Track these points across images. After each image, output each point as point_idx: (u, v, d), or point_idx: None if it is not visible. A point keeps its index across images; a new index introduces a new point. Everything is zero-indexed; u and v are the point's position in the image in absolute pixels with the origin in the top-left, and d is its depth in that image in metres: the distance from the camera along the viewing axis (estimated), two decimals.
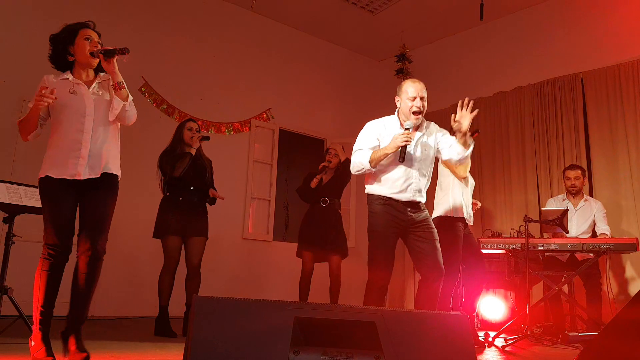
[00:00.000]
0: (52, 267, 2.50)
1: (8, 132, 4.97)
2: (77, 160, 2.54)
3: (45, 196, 2.56)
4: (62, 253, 2.53)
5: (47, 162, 2.59)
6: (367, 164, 3.05)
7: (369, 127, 3.22)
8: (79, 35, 2.64)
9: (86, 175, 2.56)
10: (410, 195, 3.08)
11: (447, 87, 6.96)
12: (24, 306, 3.32)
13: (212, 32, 6.45)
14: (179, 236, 4.06)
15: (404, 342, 1.67)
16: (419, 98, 3.09)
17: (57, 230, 2.51)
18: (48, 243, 2.52)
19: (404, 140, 2.94)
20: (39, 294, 2.47)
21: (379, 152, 3.03)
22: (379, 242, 3.07)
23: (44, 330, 2.46)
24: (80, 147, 2.56)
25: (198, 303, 1.55)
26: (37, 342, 2.44)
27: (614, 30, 5.54)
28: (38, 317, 2.46)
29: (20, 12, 5.18)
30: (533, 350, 3.84)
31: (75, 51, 2.64)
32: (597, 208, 4.84)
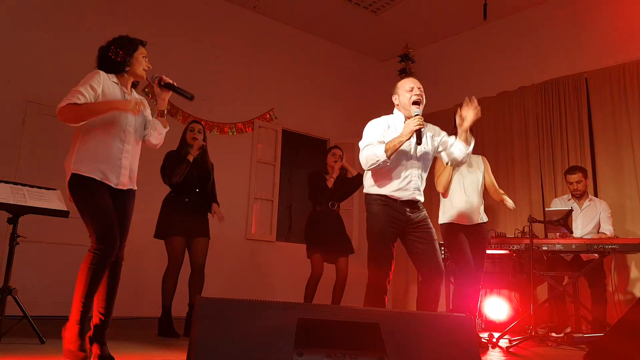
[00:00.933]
0: (99, 262, 2.49)
1: (12, 133, 4.98)
2: (120, 170, 2.63)
3: (90, 192, 2.55)
4: (111, 250, 2.53)
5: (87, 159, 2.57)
6: (382, 154, 2.95)
7: (373, 124, 3.19)
8: (139, 51, 2.77)
9: (127, 185, 2.68)
10: (410, 194, 3.07)
11: (450, 87, 6.94)
12: (28, 307, 3.33)
13: (215, 32, 6.45)
14: (183, 237, 4.06)
15: (408, 343, 1.66)
16: (416, 87, 3.12)
17: (108, 226, 2.52)
18: (99, 237, 2.50)
19: (417, 124, 2.92)
20: (84, 288, 2.47)
21: (394, 141, 2.96)
22: (378, 243, 3.07)
23: (81, 324, 2.49)
24: (122, 157, 2.64)
25: (201, 304, 1.55)
26: (73, 334, 2.47)
27: (618, 30, 5.52)
28: (80, 309, 2.48)
29: (23, 14, 5.19)
30: (537, 351, 3.83)
31: (132, 63, 2.74)
32: (602, 208, 4.82)
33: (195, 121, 4.47)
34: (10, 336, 3.23)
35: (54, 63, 5.25)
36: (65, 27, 5.40)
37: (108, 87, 2.63)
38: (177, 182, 4.04)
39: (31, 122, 5.08)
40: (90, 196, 2.55)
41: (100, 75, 2.62)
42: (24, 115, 5.06)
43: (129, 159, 2.67)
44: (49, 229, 4.81)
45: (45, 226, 4.66)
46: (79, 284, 2.48)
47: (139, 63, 2.75)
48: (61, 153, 4.84)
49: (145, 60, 2.78)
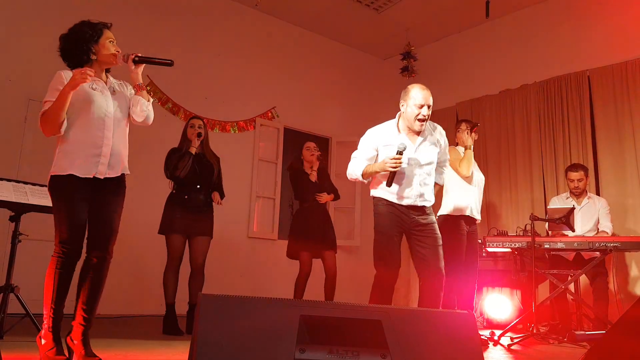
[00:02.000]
0: (64, 265, 2.46)
1: (14, 131, 4.99)
2: (99, 159, 2.52)
3: (59, 194, 2.51)
4: (75, 252, 2.50)
5: (63, 158, 2.51)
6: (360, 176, 3.17)
7: (368, 136, 3.26)
8: (104, 36, 2.64)
9: (106, 174, 2.55)
10: (411, 201, 3.11)
11: (453, 85, 6.94)
12: (30, 304, 3.33)
13: (216, 30, 6.45)
14: (182, 235, 4.07)
15: (411, 340, 1.66)
16: (426, 106, 3.10)
17: (72, 229, 2.47)
18: (61, 241, 2.48)
19: (391, 166, 2.99)
20: (52, 293, 2.44)
21: (370, 169, 3.14)
22: (384, 242, 3.11)
23: (54, 329, 2.44)
24: (102, 145, 2.53)
25: (204, 301, 1.55)
26: (48, 341, 2.42)
27: (621, 28, 5.50)
28: (50, 315, 2.44)
29: (25, 12, 5.19)
30: (539, 349, 3.83)
31: (98, 50, 2.63)
32: (600, 205, 4.82)
33: (195, 117, 4.47)
34: (13, 334, 3.24)
35: (55, 61, 5.23)
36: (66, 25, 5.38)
37: None
38: (181, 176, 4.04)
39: (33, 120, 5.08)
40: (61, 198, 2.49)
41: (62, 76, 2.56)
42: (26, 113, 5.06)
43: (110, 145, 2.55)
44: (50, 227, 4.79)
45: (47, 224, 4.65)
46: (47, 290, 2.45)
47: (105, 49, 2.62)
48: None
49: (113, 44, 2.65)
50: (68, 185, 2.49)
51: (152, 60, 2.65)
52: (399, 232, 3.12)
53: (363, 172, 3.12)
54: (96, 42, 2.63)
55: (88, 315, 2.51)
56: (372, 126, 3.34)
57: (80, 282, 2.55)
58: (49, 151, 5.17)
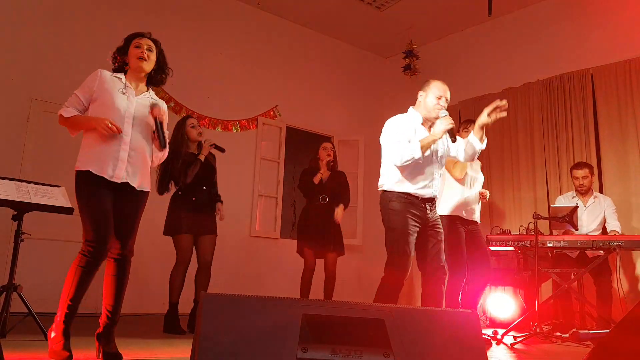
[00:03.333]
0: (88, 264, 2.48)
1: (17, 131, 4.99)
2: (117, 163, 2.56)
3: (85, 190, 2.54)
4: (102, 251, 2.51)
5: (86, 156, 2.57)
6: (418, 151, 3.02)
7: (397, 121, 3.23)
8: (132, 44, 2.72)
9: (124, 178, 2.58)
10: (432, 191, 3.16)
11: (455, 83, 6.86)
12: (33, 303, 3.34)
13: (218, 29, 6.45)
14: (191, 234, 4.09)
15: (414, 339, 1.65)
16: (444, 98, 3.20)
17: (99, 226, 2.49)
18: (88, 239, 2.49)
19: (449, 123, 3.05)
20: (70, 289, 2.47)
21: (427, 139, 3.08)
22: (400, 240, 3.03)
23: (66, 324, 2.48)
24: (120, 149, 2.57)
25: (206, 300, 1.54)
26: (57, 334, 2.46)
27: (624, 26, 5.48)
28: (65, 310, 2.47)
29: (28, 12, 5.19)
30: (542, 348, 3.82)
31: (128, 60, 2.72)
32: (607, 204, 4.80)
33: (189, 116, 4.45)
34: (16, 333, 3.24)
35: (58, 60, 5.25)
36: (69, 24, 5.40)
37: (106, 82, 2.62)
38: (187, 182, 4.05)
39: (35, 119, 5.09)
40: (87, 195, 2.53)
41: (98, 74, 2.64)
42: (28, 113, 5.07)
43: (127, 151, 2.58)
44: (53, 226, 4.82)
45: (49, 223, 4.67)
46: (67, 284, 2.48)
47: (131, 56, 2.70)
48: (65, 150, 4.87)
49: (139, 49, 2.69)
50: (91, 182, 2.53)
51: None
52: (416, 232, 3.08)
53: (422, 146, 3.03)
54: (125, 53, 2.73)
55: (113, 314, 2.58)
56: (374, 125, 3.36)
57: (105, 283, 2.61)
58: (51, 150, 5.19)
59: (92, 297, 4.80)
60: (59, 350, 2.41)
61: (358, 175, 7.19)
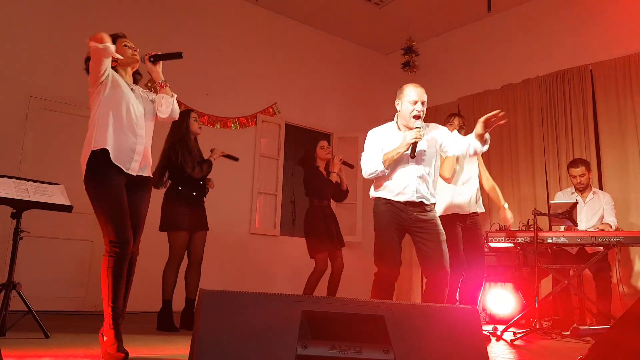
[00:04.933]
0: (116, 264, 2.51)
1: (15, 128, 4.98)
2: (134, 156, 2.63)
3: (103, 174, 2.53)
4: (127, 250, 2.55)
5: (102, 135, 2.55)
6: (380, 165, 3.12)
7: (371, 135, 3.31)
8: (118, 43, 2.74)
9: (139, 171, 2.65)
10: (408, 197, 3.12)
11: (455, 80, 6.91)
12: (32, 301, 3.33)
13: (217, 26, 6.43)
14: (187, 231, 4.08)
15: (413, 335, 1.65)
16: (420, 102, 3.13)
17: (122, 224, 2.53)
18: (112, 240, 2.52)
19: (414, 137, 3.02)
20: (109, 292, 2.50)
21: (391, 152, 3.11)
22: (381, 240, 3.15)
23: (115, 326, 2.51)
24: (136, 142, 2.64)
25: (205, 297, 1.54)
26: (110, 337, 2.49)
27: (623, 22, 5.47)
28: (110, 313, 2.51)
29: (26, 10, 5.18)
30: (542, 344, 3.82)
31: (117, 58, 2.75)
32: (605, 200, 4.79)
33: (193, 110, 4.46)
34: (15, 331, 3.24)
35: (56, 58, 5.24)
36: (68, 22, 5.38)
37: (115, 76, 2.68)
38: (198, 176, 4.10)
39: (34, 117, 5.08)
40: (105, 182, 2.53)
41: None
42: (27, 111, 5.06)
43: (143, 144, 2.67)
44: (52, 224, 4.82)
45: (48, 221, 4.67)
46: (104, 289, 2.52)
47: (124, 52, 2.75)
48: (64, 148, 4.89)
49: (128, 48, 2.77)
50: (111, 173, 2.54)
51: (164, 56, 2.80)
52: (399, 229, 3.14)
53: (383, 159, 3.11)
54: None
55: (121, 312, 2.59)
56: (373, 122, 3.36)
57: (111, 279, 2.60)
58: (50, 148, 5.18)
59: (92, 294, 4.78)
60: (114, 353, 2.44)
61: (357, 172, 7.18)
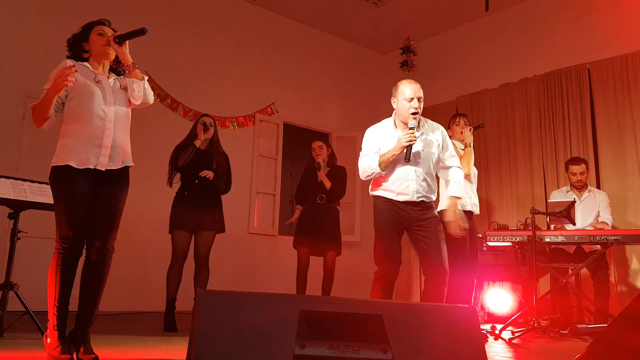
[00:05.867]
0: (65, 261, 2.41)
1: (13, 128, 4.97)
2: (100, 150, 2.49)
3: (59, 186, 2.46)
4: (76, 247, 2.45)
5: (64, 150, 2.48)
6: (377, 167, 3.09)
7: (368, 133, 3.28)
8: (93, 32, 2.63)
9: (107, 165, 2.52)
10: (408, 197, 3.09)
11: (453, 79, 6.91)
12: (30, 302, 3.33)
13: (215, 26, 6.42)
14: (187, 231, 4.08)
15: (411, 335, 1.65)
16: (416, 99, 3.07)
17: (72, 223, 2.42)
18: (62, 237, 2.43)
19: (407, 140, 2.98)
20: (54, 290, 2.40)
21: (386, 155, 3.07)
22: (382, 238, 3.12)
23: (60, 328, 2.40)
24: (103, 136, 2.50)
25: (202, 297, 1.54)
26: (53, 339, 2.38)
27: (620, 20, 5.48)
28: (54, 313, 2.40)
29: (24, 9, 5.16)
30: (540, 343, 3.82)
31: (90, 46, 2.65)
32: (601, 198, 4.80)
33: (206, 114, 4.46)
34: (13, 331, 3.23)
35: (53, 58, 5.17)
36: (65, 21, 5.36)
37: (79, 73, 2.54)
38: (179, 165, 4.07)
39: (31, 117, 5.05)
40: (60, 191, 2.45)
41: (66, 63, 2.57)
42: (24, 111, 5.04)
43: (111, 137, 2.53)
44: (50, 224, 4.78)
45: (46, 221, 4.63)
46: (49, 287, 2.41)
47: (94, 43, 2.62)
48: None
49: (102, 36, 2.61)
50: (66, 177, 2.45)
51: (128, 34, 2.59)
52: (398, 228, 3.12)
53: (380, 161, 3.08)
54: (86, 40, 2.65)
55: (89, 313, 2.47)
56: (371, 121, 3.34)
57: (82, 279, 2.51)
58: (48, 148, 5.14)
59: None
60: (58, 356, 2.33)
61: (355, 171, 7.18)
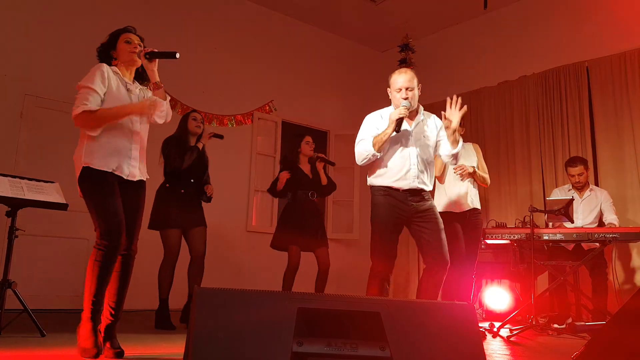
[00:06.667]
0: (105, 257, 2.48)
1: (10, 126, 4.96)
2: (130, 161, 2.61)
3: (99, 187, 2.53)
4: (118, 244, 2.52)
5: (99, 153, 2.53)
6: (371, 148, 3.06)
7: (368, 119, 3.28)
8: (120, 40, 2.71)
9: (137, 176, 2.65)
10: (409, 182, 3.08)
11: (451, 77, 6.91)
12: (28, 300, 3.32)
13: (213, 23, 6.41)
14: (179, 229, 4.06)
15: (409, 332, 1.65)
16: (404, 89, 3.11)
17: (114, 220, 2.50)
18: (101, 236, 2.49)
19: (399, 113, 3.01)
20: (92, 284, 2.46)
21: (380, 135, 3.07)
22: (380, 233, 3.10)
23: (94, 321, 2.47)
24: (132, 148, 2.62)
25: (199, 294, 1.53)
26: (86, 332, 2.45)
27: (619, 18, 5.48)
28: (90, 307, 2.47)
29: (21, 7, 5.15)
30: (538, 341, 3.83)
31: (117, 54, 2.71)
32: (603, 198, 4.80)
33: (195, 110, 4.47)
34: (11, 330, 3.22)
35: (51, 56, 5.21)
36: (63, 20, 5.36)
37: (112, 78, 2.61)
38: (182, 167, 4.02)
39: (29, 115, 5.05)
40: (98, 190, 2.52)
41: (104, 69, 2.59)
42: (22, 109, 5.03)
43: (139, 149, 2.66)
44: (47, 222, 4.80)
45: (44, 219, 4.65)
46: (88, 281, 2.48)
47: (122, 50, 2.69)
48: (60, 146, 4.86)
49: (129, 44, 2.69)
50: (106, 178, 2.54)
51: (160, 54, 2.70)
52: (397, 224, 3.11)
53: (374, 142, 3.06)
54: (114, 48, 2.72)
55: (115, 311, 2.58)
56: None
57: None
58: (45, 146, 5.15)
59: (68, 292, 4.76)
60: (89, 348, 2.40)
61: (354, 169, 7.18)
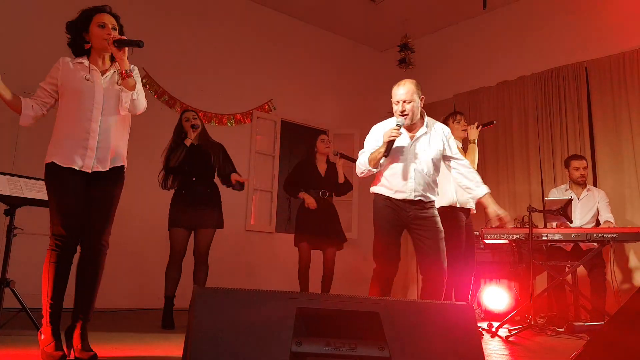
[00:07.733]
0: (59, 258, 2.41)
1: (9, 125, 4.94)
2: (85, 152, 2.45)
3: (52, 183, 2.46)
4: (70, 244, 2.44)
5: (54, 147, 2.48)
6: (367, 164, 3.17)
7: (372, 130, 3.33)
8: (93, 22, 2.55)
9: (94, 167, 2.48)
10: (405, 195, 3.12)
11: (450, 76, 6.91)
12: (26, 298, 3.32)
13: (212, 22, 6.40)
14: (184, 229, 4.06)
15: (409, 332, 1.65)
16: (401, 102, 3.15)
17: (65, 220, 2.41)
18: (55, 234, 2.42)
19: (389, 136, 3.04)
20: (48, 287, 2.39)
21: (374, 152, 3.14)
22: (381, 236, 3.16)
23: (53, 324, 2.39)
24: (89, 137, 2.46)
25: (198, 294, 1.53)
26: (46, 336, 2.37)
27: (618, 19, 5.48)
28: (48, 310, 2.39)
29: (20, 5, 5.14)
30: (537, 340, 3.83)
31: (90, 38, 2.57)
32: (600, 197, 4.81)
33: (187, 110, 4.45)
34: (9, 328, 3.22)
35: (50, 54, 5.16)
36: (61, 17, 5.33)
37: (68, 70, 2.52)
38: (171, 165, 4.04)
39: None
40: (52, 189, 2.45)
41: (59, 63, 2.54)
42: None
43: (96, 138, 2.47)
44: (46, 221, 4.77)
45: (42, 218, 4.62)
46: (43, 283, 2.40)
47: (95, 36, 2.53)
48: None
49: (103, 28, 2.53)
50: (58, 174, 2.45)
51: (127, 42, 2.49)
52: (397, 225, 3.14)
53: (369, 159, 3.15)
54: (86, 30, 2.58)
55: (85, 310, 2.47)
56: (369, 118, 3.37)
57: (77, 275, 2.50)
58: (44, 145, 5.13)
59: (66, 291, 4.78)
60: (51, 352, 2.31)
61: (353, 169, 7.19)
